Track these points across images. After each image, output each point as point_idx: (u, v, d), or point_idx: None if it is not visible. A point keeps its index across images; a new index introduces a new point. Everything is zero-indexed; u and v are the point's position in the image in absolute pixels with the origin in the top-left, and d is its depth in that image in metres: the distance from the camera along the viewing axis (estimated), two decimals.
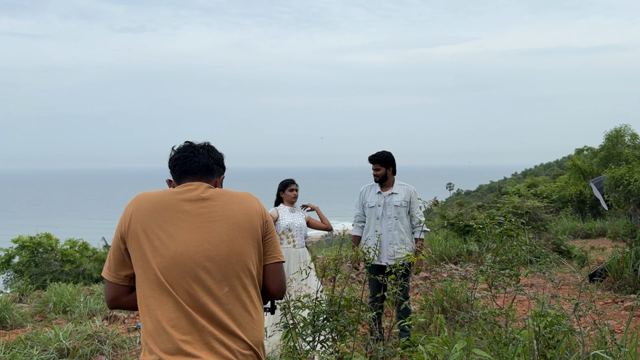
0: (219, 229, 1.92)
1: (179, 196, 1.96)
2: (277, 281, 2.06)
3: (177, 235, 1.89)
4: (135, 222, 1.91)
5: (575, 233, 14.65)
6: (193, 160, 2.09)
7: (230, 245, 1.91)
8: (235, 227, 1.94)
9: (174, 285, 1.84)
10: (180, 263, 1.86)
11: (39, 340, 5.24)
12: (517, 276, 3.90)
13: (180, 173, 2.09)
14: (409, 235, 5.17)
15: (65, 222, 63.21)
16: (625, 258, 7.51)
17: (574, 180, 22.05)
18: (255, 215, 2.01)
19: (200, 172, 2.08)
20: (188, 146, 2.15)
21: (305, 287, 4.93)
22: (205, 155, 2.12)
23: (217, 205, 1.97)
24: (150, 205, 1.93)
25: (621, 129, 22.02)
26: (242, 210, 1.99)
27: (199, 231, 1.91)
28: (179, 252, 1.87)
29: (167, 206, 1.93)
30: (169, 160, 2.14)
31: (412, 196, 5.19)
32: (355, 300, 3.67)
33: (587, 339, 3.91)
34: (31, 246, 14.24)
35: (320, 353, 3.45)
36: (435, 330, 4.77)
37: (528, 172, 67.62)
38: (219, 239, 1.91)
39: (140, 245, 1.88)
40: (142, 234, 1.89)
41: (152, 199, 1.96)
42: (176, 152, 2.14)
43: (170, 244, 1.87)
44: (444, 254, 10.38)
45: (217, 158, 2.16)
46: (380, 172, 5.18)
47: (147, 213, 1.91)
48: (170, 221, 1.91)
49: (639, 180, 7.68)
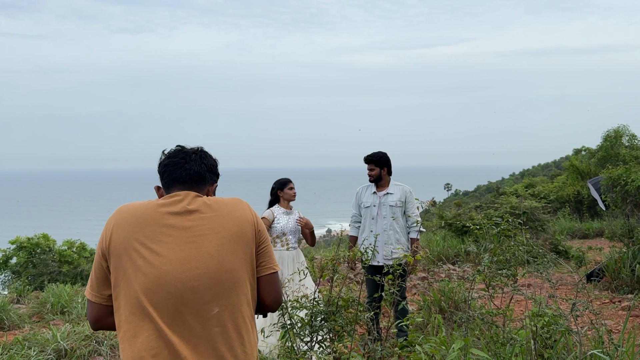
0: (207, 244, 1.77)
1: (163, 209, 1.80)
2: (272, 293, 1.91)
3: (161, 252, 1.73)
4: (117, 239, 1.76)
5: (573, 233, 14.68)
6: (184, 167, 1.92)
7: (220, 262, 1.76)
8: (225, 241, 1.78)
9: (158, 309, 1.69)
10: (165, 284, 1.70)
11: (37, 341, 5.24)
12: (515, 276, 3.91)
13: (169, 181, 1.93)
14: (404, 235, 5.18)
15: (63, 223, 63.12)
16: (623, 258, 7.52)
17: (571, 181, 22.09)
18: (247, 226, 1.85)
19: (190, 180, 1.92)
20: (179, 151, 1.98)
21: (303, 287, 4.94)
22: (198, 161, 1.96)
23: (205, 218, 1.81)
24: (132, 220, 1.78)
25: (619, 130, 22.06)
26: (232, 221, 1.83)
27: (186, 247, 1.75)
28: (164, 271, 1.71)
29: (150, 220, 1.77)
30: (158, 165, 1.98)
31: (408, 196, 5.19)
32: (352, 301, 3.67)
33: (585, 339, 3.92)
34: (29, 247, 14.22)
35: (318, 353, 3.45)
36: (433, 330, 4.78)
37: (526, 172, 67.75)
38: (208, 255, 1.75)
39: (121, 264, 1.74)
40: (124, 252, 1.74)
41: (134, 212, 1.80)
42: (166, 157, 1.98)
43: (155, 263, 1.72)
44: (441, 254, 10.39)
45: (210, 165, 1.99)
46: (374, 173, 5.20)
47: (129, 228, 1.76)
48: (154, 237, 1.75)
49: (636, 180, 7.70)
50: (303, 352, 3.50)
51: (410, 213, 5.19)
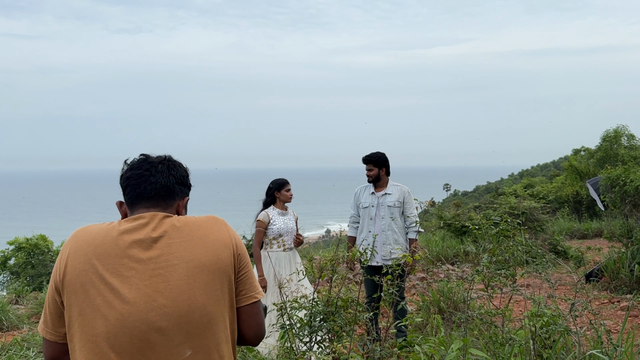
0: (176, 276, 1.53)
1: (125, 237, 1.56)
2: (254, 325, 1.69)
3: (123, 289, 1.49)
4: (72, 271, 1.52)
5: (572, 233, 14.69)
6: (149, 181, 1.67)
7: (191, 297, 1.52)
8: (197, 272, 1.55)
9: (122, 355, 1.47)
10: (128, 326, 1.48)
11: (36, 342, 5.24)
12: (514, 276, 3.91)
13: (132, 197, 1.68)
14: (402, 235, 5.18)
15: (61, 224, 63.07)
16: (622, 258, 7.53)
17: (570, 181, 22.10)
18: (225, 251, 1.61)
19: (157, 196, 1.67)
20: (143, 161, 1.72)
21: (302, 287, 4.94)
22: (165, 173, 1.70)
23: (173, 245, 1.56)
24: (89, 250, 1.54)
25: (618, 130, 22.07)
26: (205, 247, 1.59)
27: (151, 282, 1.51)
28: (127, 312, 1.48)
29: (110, 250, 1.53)
30: (120, 177, 1.73)
31: (406, 196, 5.20)
32: (351, 301, 3.67)
33: (584, 339, 3.93)
34: (27, 248, 14.22)
35: (317, 354, 3.45)
36: (432, 331, 4.78)
37: (525, 172, 67.82)
38: (177, 290, 1.52)
39: (77, 301, 1.51)
40: (80, 288, 1.51)
41: (91, 240, 1.56)
42: (129, 168, 1.72)
43: (115, 302, 1.48)
44: (440, 255, 10.40)
45: (179, 176, 1.75)
46: (373, 173, 5.20)
47: (85, 260, 1.53)
48: (114, 271, 1.51)
49: (635, 181, 7.71)
50: (302, 352, 3.50)
51: (408, 213, 5.19)
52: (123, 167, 1.74)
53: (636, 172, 7.96)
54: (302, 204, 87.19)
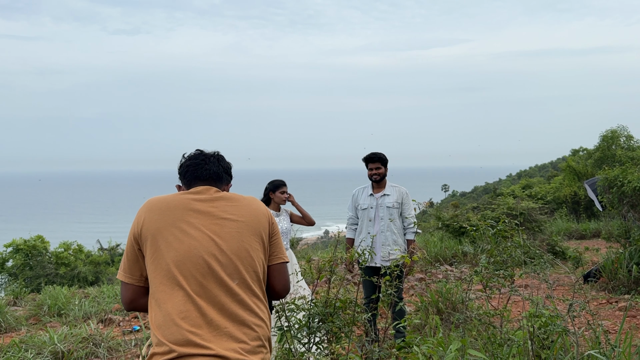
0: (229, 225, 2.01)
1: (190, 196, 2.06)
2: (282, 281, 2.16)
3: (189, 230, 1.96)
4: (149, 222, 1.98)
5: (570, 234, 14.72)
6: (204, 168, 2.19)
7: (239, 241, 2.00)
8: (244, 226, 2.03)
9: (187, 277, 1.90)
10: (193, 256, 1.92)
11: (34, 343, 5.23)
12: (512, 277, 3.91)
13: (190, 179, 2.18)
14: (401, 236, 5.18)
15: (58, 226, 62.95)
16: (619, 259, 7.54)
17: (568, 182, 22.14)
18: (263, 217, 2.12)
19: (210, 179, 2.18)
20: (199, 154, 2.25)
21: (301, 289, 4.94)
22: (216, 163, 2.23)
23: (227, 205, 2.06)
24: (162, 206, 2.02)
25: (617, 130, 22.08)
26: (250, 211, 2.09)
27: (211, 227, 1.99)
28: (192, 246, 1.93)
29: (179, 205, 2.02)
30: (179, 166, 2.24)
31: (404, 197, 5.20)
32: (350, 302, 3.67)
33: (582, 339, 3.93)
34: (25, 249, 14.20)
35: (316, 355, 3.45)
36: (430, 331, 4.78)
37: (523, 173, 67.88)
38: (229, 234, 1.99)
39: (154, 242, 1.95)
40: (156, 232, 1.96)
41: (163, 199, 2.05)
42: (187, 159, 2.24)
43: (184, 239, 1.94)
44: (439, 255, 10.41)
45: (226, 167, 2.27)
46: (381, 171, 5.20)
47: (159, 213, 1.99)
48: (182, 218, 1.98)
49: (632, 181, 7.72)
50: (300, 353, 3.50)
51: (407, 214, 5.19)
52: (181, 160, 2.24)
53: (634, 172, 7.97)
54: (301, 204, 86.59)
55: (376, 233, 5.11)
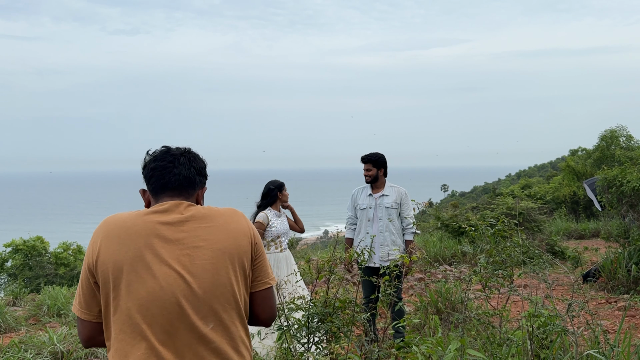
0: (202, 256, 1.68)
1: (155, 218, 1.70)
2: (267, 309, 1.84)
3: (155, 267, 1.63)
4: (106, 253, 1.65)
5: (569, 234, 14.72)
6: (172, 172, 1.80)
7: (214, 275, 1.67)
8: (220, 254, 1.70)
9: (152, 325, 1.61)
10: (158, 299, 1.61)
11: (33, 343, 5.22)
12: (511, 277, 3.92)
13: (157, 187, 1.81)
14: (400, 236, 5.18)
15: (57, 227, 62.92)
16: (619, 258, 7.55)
17: (567, 181, 22.14)
18: (244, 239, 1.77)
19: (180, 187, 1.80)
20: (165, 152, 1.85)
21: (300, 288, 4.94)
22: (187, 165, 1.83)
23: (199, 229, 1.71)
24: (121, 232, 1.66)
25: (616, 130, 22.09)
26: (227, 233, 1.74)
27: (180, 259, 1.66)
28: (158, 286, 1.62)
29: (142, 232, 1.67)
30: (142, 167, 1.85)
31: (403, 198, 5.19)
32: (349, 302, 3.67)
33: (581, 339, 3.94)
34: (25, 250, 14.20)
35: (315, 355, 3.45)
36: (429, 331, 4.78)
37: (522, 173, 67.92)
38: (202, 268, 1.67)
39: (113, 281, 1.63)
40: (115, 268, 1.63)
41: (123, 223, 1.68)
42: (152, 159, 1.84)
43: (148, 279, 1.62)
44: (438, 255, 10.41)
45: (199, 168, 1.87)
46: (371, 173, 5.18)
47: (119, 241, 1.65)
48: (146, 250, 1.64)
49: (631, 181, 7.73)
50: (300, 353, 3.50)
51: (405, 215, 5.18)
52: (145, 158, 1.86)
53: (632, 172, 7.98)
54: (300, 205, 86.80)
55: (375, 233, 5.10)
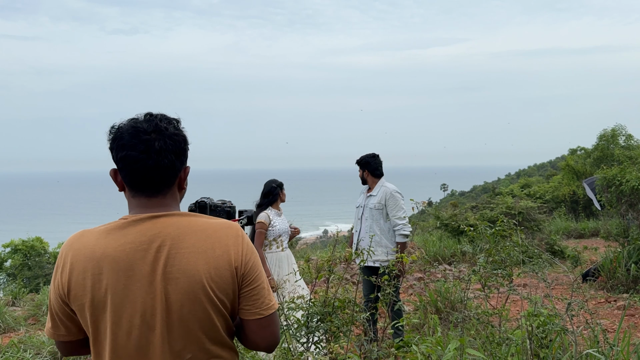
0: (177, 290, 1.48)
1: (127, 245, 1.48)
2: (266, 337, 1.62)
3: (125, 304, 1.47)
4: (76, 287, 1.48)
5: (569, 233, 14.72)
6: (147, 166, 1.50)
7: (191, 312, 1.49)
8: (198, 288, 1.49)
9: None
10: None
11: (32, 343, 5.22)
12: (510, 276, 3.92)
13: (131, 183, 1.55)
14: (387, 238, 5.10)
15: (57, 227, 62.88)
16: (618, 258, 7.55)
17: (567, 181, 22.14)
18: (227, 270, 1.52)
19: (159, 182, 1.53)
20: (134, 136, 1.50)
21: (299, 288, 4.94)
22: (164, 151, 1.51)
23: (177, 256, 1.48)
24: (92, 264, 1.47)
25: (616, 129, 22.10)
26: (208, 262, 1.50)
27: (153, 295, 1.47)
28: (131, 344, 1.48)
29: (114, 265, 1.47)
30: (110, 145, 1.54)
31: (388, 198, 5.09)
32: (349, 302, 3.67)
33: (580, 339, 3.94)
34: (24, 250, 14.20)
35: (314, 354, 3.45)
36: (429, 331, 4.78)
37: (521, 172, 67.96)
38: (179, 304, 1.48)
39: (88, 318, 1.49)
40: (88, 305, 1.48)
41: (91, 253, 1.48)
42: (119, 144, 1.51)
43: (119, 333, 1.48)
44: (438, 255, 10.41)
45: (178, 150, 1.54)
46: (359, 174, 5.34)
47: (88, 276, 1.47)
48: (119, 290, 1.47)
49: (630, 180, 7.73)
50: (299, 353, 3.50)
51: (391, 215, 5.08)
52: (110, 131, 1.54)
53: (632, 172, 7.99)
54: (300, 204, 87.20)
55: (363, 233, 5.16)
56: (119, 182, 1.58)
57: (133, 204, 1.57)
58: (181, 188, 1.64)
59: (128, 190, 1.57)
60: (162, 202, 1.56)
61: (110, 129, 1.54)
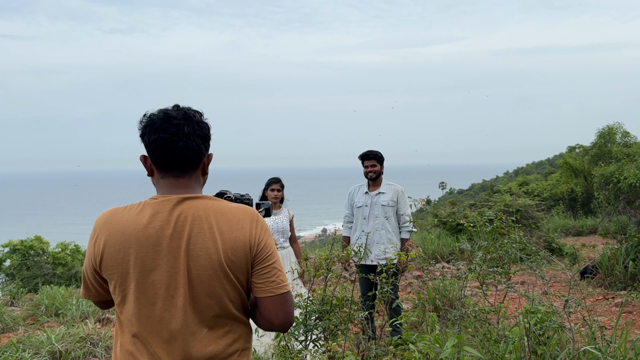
0: (199, 266, 1.63)
1: (156, 223, 1.63)
2: (280, 315, 1.72)
3: (155, 275, 1.63)
4: (110, 260, 1.65)
5: (567, 231, 14.74)
6: (177, 147, 1.66)
7: (210, 287, 1.64)
8: (217, 265, 1.64)
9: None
10: (156, 331, 1.65)
11: (31, 343, 5.22)
12: (508, 274, 3.93)
13: (160, 164, 1.70)
14: (396, 234, 5.18)
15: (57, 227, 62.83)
16: (616, 255, 7.57)
17: (565, 179, 22.16)
18: (242, 250, 1.67)
19: (186, 163, 1.70)
20: (166, 121, 1.68)
21: (297, 286, 4.95)
22: (192, 135, 1.68)
23: (199, 235, 1.63)
24: (124, 239, 1.63)
25: (614, 127, 22.14)
26: (225, 242, 1.65)
27: (178, 269, 1.63)
28: (156, 317, 1.64)
29: (142, 239, 1.63)
30: (140, 133, 1.72)
31: (400, 196, 5.20)
32: (346, 300, 3.68)
33: (577, 335, 3.95)
34: (22, 249, 14.19)
35: (312, 352, 3.46)
36: (427, 328, 4.79)
37: (520, 170, 68.05)
38: (199, 280, 1.64)
39: (119, 288, 1.66)
40: (120, 277, 1.65)
41: (124, 229, 1.64)
42: (152, 128, 1.69)
43: (145, 304, 1.64)
44: (436, 253, 10.43)
45: (203, 135, 1.73)
46: (376, 169, 5.22)
47: (121, 249, 1.63)
48: (147, 261, 1.63)
49: (628, 178, 7.75)
50: (297, 351, 3.51)
51: (402, 212, 5.19)
52: (142, 120, 1.71)
53: (630, 169, 8.01)
54: (298, 203, 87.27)
55: (370, 231, 5.12)
56: (149, 166, 1.75)
57: (162, 185, 1.73)
58: (204, 173, 1.81)
59: (157, 172, 1.73)
60: (188, 183, 1.73)
61: (142, 117, 1.73)
